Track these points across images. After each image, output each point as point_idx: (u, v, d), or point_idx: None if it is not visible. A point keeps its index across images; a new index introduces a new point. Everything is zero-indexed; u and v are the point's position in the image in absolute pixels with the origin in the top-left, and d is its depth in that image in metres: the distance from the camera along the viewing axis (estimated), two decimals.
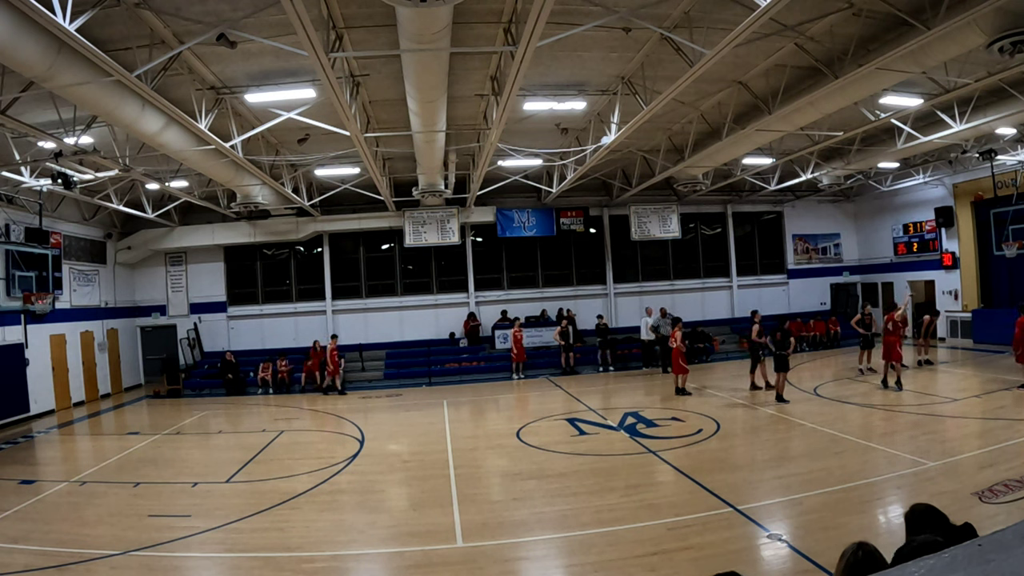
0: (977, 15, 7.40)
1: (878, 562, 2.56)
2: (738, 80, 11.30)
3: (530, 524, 6.66)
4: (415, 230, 19.53)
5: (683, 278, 22.23)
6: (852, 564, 2.58)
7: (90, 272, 17.66)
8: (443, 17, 6.56)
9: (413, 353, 19.77)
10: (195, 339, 19.90)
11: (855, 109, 11.98)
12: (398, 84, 9.62)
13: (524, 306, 20.85)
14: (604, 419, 11.64)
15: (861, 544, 2.67)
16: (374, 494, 8.14)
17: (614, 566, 5.50)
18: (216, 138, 10.11)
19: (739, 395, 13.15)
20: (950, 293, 19.44)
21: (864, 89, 10.26)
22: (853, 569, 2.55)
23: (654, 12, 7.98)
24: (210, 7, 7.40)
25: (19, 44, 6.48)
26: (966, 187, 18.55)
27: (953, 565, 1.40)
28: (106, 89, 8.09)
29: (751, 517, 6.35)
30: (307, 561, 5.98)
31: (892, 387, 12.37)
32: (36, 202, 13.56)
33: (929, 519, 3.06)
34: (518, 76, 7.98)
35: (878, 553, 2.62)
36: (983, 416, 9.91)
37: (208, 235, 19.45)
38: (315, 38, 6.58)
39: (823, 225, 23.25)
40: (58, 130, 10.12)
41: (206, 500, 7.99)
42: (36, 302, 13.81)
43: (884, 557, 2.61)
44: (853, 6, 8.31)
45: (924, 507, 3.15)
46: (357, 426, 12.34)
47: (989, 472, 6.96)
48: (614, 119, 11.41)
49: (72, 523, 7.17)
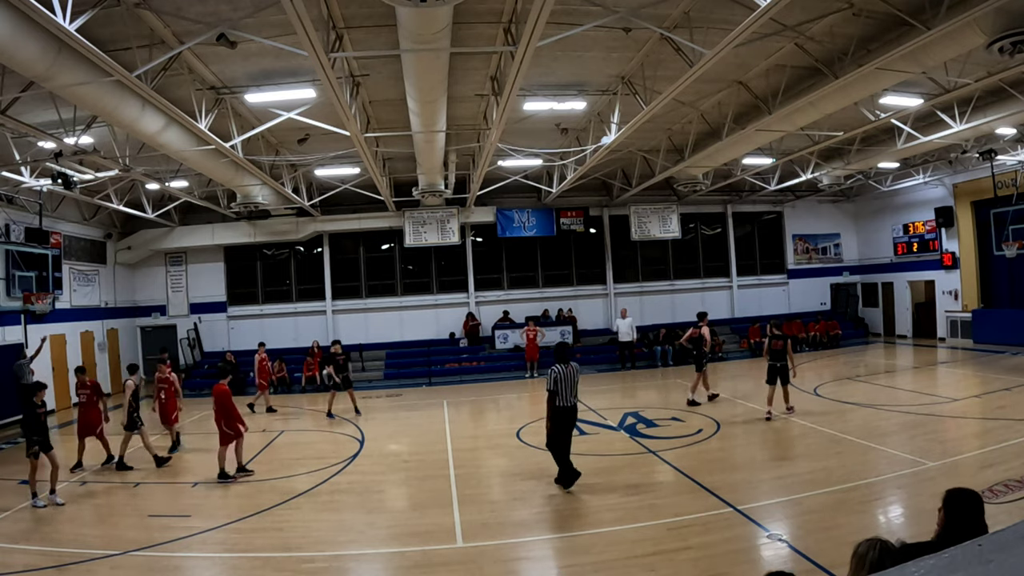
0: (977, 15, 7.40)
1: (892, 560, 2.56)
2: (738, 80, 11.30)
3: (530, 524, 6.66)
4: (415, 230, 19.53)
5: (683, 278, 22.23)
6: (866, 561, 2.59)
7: (90, 272, 17.66)
8: (443, 17, 6.56)
9: (413, 353, 19.77)
10: (195, 339, 19.90)
11: (855, 109, 11.98)
12: (398, 84, 9.62)
13: (524, 306, 20.85)
14: (604, 419, 11.64)
15: (876, 541, 2.67)
16: (374, 494, 8.14)
17: (614, 566, 5.50)
18: (216, 138, 10.11)
19: (739, 395, 13.15)
20: (950, 293, 19.44)
21: (864, 89, 10.26)
22: (867, 566, 2.57)
23: (654, 12, 7.98)
24: (210, 7, 7.40)
25: (19, 44, 6.49)
26: (966, 187, 18.54)
27: (953, 565, 1.40)
28: (106, 89, 8.09)
29: (751, 517, 6.35)
30: (307, 561, 5.98)
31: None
32: (36, 202, 13.55)
33: (972, 505, 3.08)
34: (518, 76, 7.98)
35: (893, 550, 2.63)
36: (983, 416, 9.91)
37: (208, 235, 19.45)
38: (315, 38, 6.58)
39: (823, 225, 23.25)
40: (58, 130, 10.12)
41: (206, 500, 8.00)
42: (36, 302, 13.77)
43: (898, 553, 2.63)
44: (853, 6, 8.31)
45: (968, 492, 3.14)
46: (357, 426, 12.34)
47: (989, 472, 6.96)
48: (614, 119, 11.41)
49: (72, 523, 7.18)
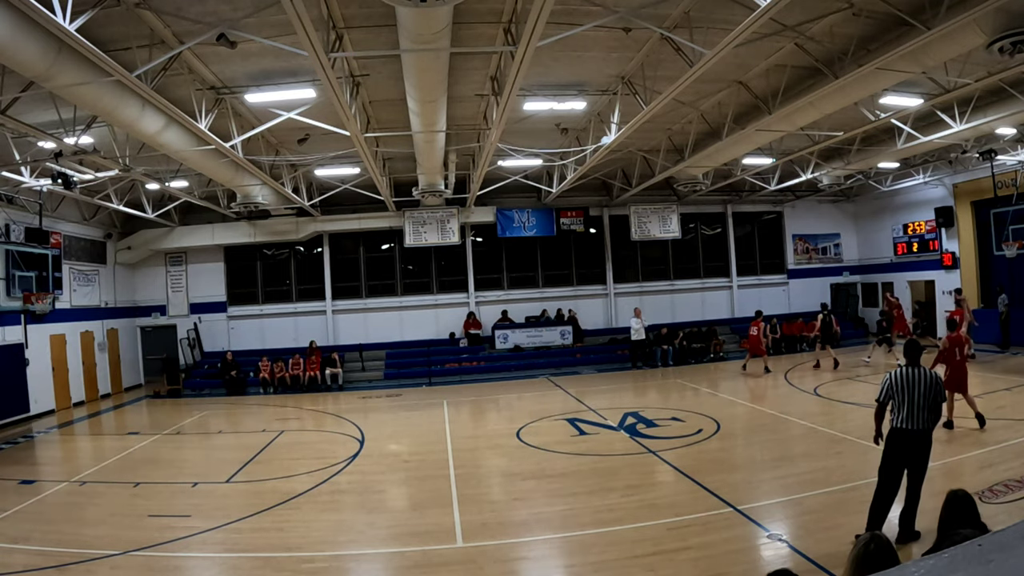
0: (977, 15, 7.39)
1: (890, 556, 2.58)
2: (738, 80, 11.30)
3: (530, 524, 6.65)
4: (415, 230, 19.52)
5: (683, 278, 22.23)
6: (863, 556, 2.61)
7: (90, 272, 17.66)
8: (443, 17, 6.56)
9: (413, 353, 19.75)
10: (195, 339, 19.89)
11: (855, 109, 11.98)
12: (398, 84, 9.62)
13: (524, 306, 20.87)
14: (604, 419, 11.64)
15: (875, 536, 2.69)
16: (374, 494, 8.13)
17: (614, 566, 5.50)
18: (216, 138, 10.10)
19: (739, 395, 13.15)
20: (950, 293, 19.42)
21: (864, 89, 10.26)
22: (864, 561, 2.58)
23: (654, 12, 7.97)
24: (210, 7, 7.39)
25: (19, 44, 6.48)
26: (966, 187, 18.52)
27: (953, 565, 1.39)
28: (106, 89, 8.08)
29: (751, 517, 6.34)
30: (307, 561, 5.98)
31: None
32: (36, 202, 13.55)
33: (965, 507, 3.24)
34: (518, 76, 7.98)
35: (891, 547, 2.64)
36: (983, 416, 9.89)
37: (208, 235, 19.44)
38: (315, 38, 6.58)
39: (823, 225, 23.24)
40: (58, 130, 10.12)
41: (206, 500, 7.99)
42: (36, 302, 13.79)
43: (896, 551, 2.65)
44: (853, 6, 8.30)
45: (963, 495, 3.32)
46: (357, 426, 12.34)
47: (989, 472, 6.96)
48: (614, 119, 11.41)
49: (72, 523, 7.17)
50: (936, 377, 5.37)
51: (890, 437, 5.41)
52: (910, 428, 5.26)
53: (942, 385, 5.39)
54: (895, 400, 5.35)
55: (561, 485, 7.89)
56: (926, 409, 5.27)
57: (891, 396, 5.38)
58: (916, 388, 5.26)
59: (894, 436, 5.36)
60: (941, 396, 5.34)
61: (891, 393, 5.37)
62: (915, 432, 5.26)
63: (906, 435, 5.28)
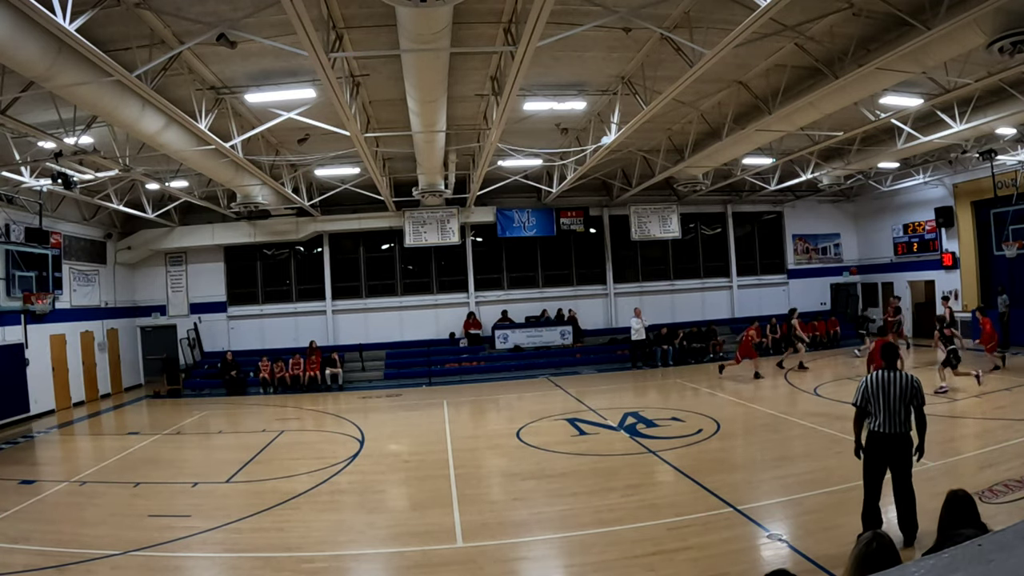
0: (977, 15, 7.39)
1: (892, 555, 2.58)
2: (738, 80, 11.30)
3: (530, 524, 6.65)
4: (415, 230, 19.52)
5: (683, 278, 22.23)
6: (865, 555, 2.61)
7: (90, 272, 17.66)
8: (443, 17, 6.56)
9: (413, 353, 19.76)
10: (195, 339, 19.89)
11: (855, 109, 11.98)
12: (398, 84, 9.62)
13: (524, 306, 20.87)
14: (604, 419, 11.64)
15: (877, 535, 2.69)
16: (374, 494, 8.13)
17: (614, 566, 5.50)
18: (216, 138, 10.10)
19: (739, 395, 13.15)
20: (950, 293, 19.42)
21: (864, 89, 10.26)
22: (866, 559, 2.58)
23: (654, 12, 7.97)
24: (210, 7, 7.39)
25: (19, 44, 6.48)
26: (966, 187, 18.53)
27: (953, 565, 1.39)
28: (106, 89, 8.08)
29: (751, 517, 6.34)
30: (307, 561, 5.98)
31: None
32: (36, 202, 13.55)
33: (965, 507, 3.27)
34: (518, 76, 7.98)
35: (893, 546, 2.64)
36: (983, 416, 9.90)
37: (208, 235, 19.44)
38: (315, 38, 6.58)
39: (823, 225, 23.25)
40: (58, 130, 10.12)
41: (206, 500, 7.99)
42: (36, 302, 13.79)
43: (898, 550, 2.65)
44: (853, 6, 8.30)
45: (963, 495, 3.35)
46: (357, 426, 12.34)
47: (989, 472, 6.95)
48: (614, 119, 11.41)
49: (72, 523, 7.16)
50: (912, 380, 5.35)
51: (869, 441, 5.45)
52: (888, 432, 5.28)
53: (919, 388, 5.37)
54: (872, 404, 5.36)
55: (561, 485, 7.89)
56: (903, 412, 5.27)
57: (867, 400, 5.40)
58: (891, 391, 5.26)
59: (873, 440, 5.41)
60: (919, 399, 5.32)
61: (867, 396, 5.39)
62: (893, 436, 5.27)
63: (884, 439, 5.31)
